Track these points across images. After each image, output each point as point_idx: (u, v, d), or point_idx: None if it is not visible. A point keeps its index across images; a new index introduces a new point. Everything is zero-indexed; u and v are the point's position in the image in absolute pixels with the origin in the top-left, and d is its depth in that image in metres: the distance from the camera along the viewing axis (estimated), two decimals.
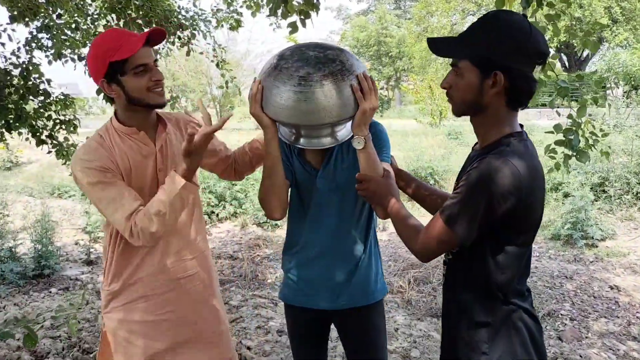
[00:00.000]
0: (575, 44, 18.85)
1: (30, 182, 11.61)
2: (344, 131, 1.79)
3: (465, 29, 1.45)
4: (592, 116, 2.82)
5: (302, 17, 2.76)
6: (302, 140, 1.78)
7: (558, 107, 2.98)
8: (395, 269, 5.42)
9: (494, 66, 1.35)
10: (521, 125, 1.47)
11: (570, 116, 2.82)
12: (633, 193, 6.91)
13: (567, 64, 24.75)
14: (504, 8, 2.55)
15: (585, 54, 22.94)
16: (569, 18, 2.68)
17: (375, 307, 1.97)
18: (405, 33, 33.05)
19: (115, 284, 1.86)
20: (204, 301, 1.98)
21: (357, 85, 1.59)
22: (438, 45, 1.47)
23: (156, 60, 1.80)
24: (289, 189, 1.89)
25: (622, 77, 13.72)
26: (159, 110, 1.92)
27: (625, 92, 12.50)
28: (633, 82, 13.42)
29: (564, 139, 2.82)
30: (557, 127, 2.84)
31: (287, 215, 1.97)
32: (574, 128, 2.78)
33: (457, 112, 1.50)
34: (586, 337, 4.01)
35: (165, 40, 4.53)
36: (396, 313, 4.47)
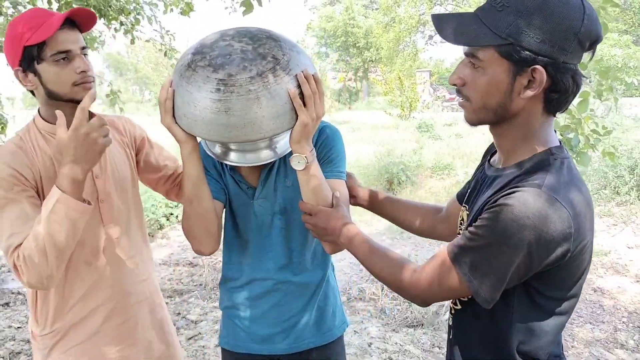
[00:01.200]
0: None
1: None
2: (286, 140, 1.44)
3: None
4: (593, 111, 2.48)
5: None
6: (232, 155, 1.44)
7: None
8: (366, 274, 5.11)
9: (533, 58, 0.98)
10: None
11: (569, 112, 2.47)
12: (611, 187, 6.72)
13: None
14: None
15: None
16: None
17: (336, 344, 1.68)
18: (373, 23, 32.85)
19: (57, 325, 1.58)
20: (158, 328, 1.78)
21: (295, 89, 1.23)
22: (447, 27, 1.06)
23: (85, 48, 1.51)
24: (222, 214, 1.56)
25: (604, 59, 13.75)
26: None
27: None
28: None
29: (561, 137, 2.46)
30: (555, 124, 2.49)
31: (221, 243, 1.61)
32: (573, 126, 2.43)
33: (474, 120, 1.12)
34: (572, 347, 3.79)
35: (107, 26, 4.10)
36: (369, 324, 4.17)
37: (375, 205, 1.66)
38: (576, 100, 2.52)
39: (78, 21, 1.49)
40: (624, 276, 4.94)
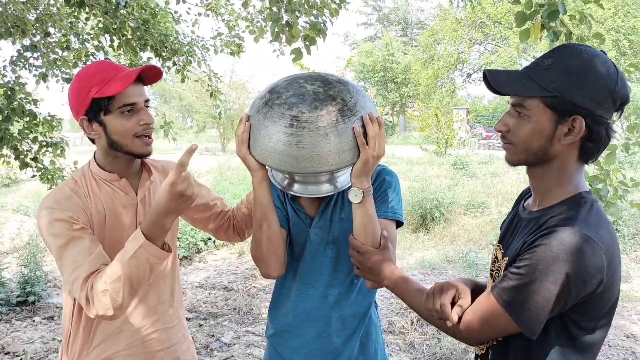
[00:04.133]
0: None
1: (27, 200, 11.41)
2: (346, 176, 1.56)
3: (531, 62, 1.22)
4: (621, 164, 2.56)
5: (307, 42, 2.55)
6: (295, 186, 1.55)
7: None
8: (397, 307, 5.14)
9: (574, 110, 1.13)
10: None
11: (597, 163, 2.57)
12: None
13: None
14: (528, 41, 2.36)
15: None
16: (599, 43, 2.46)
17: None
18: (411, 60, 33.17)
19: None
20: None
21: (360, 129, 1.34)
22: (499, 79, 1.21)
23: (147, 100, 1.58)
24: (287, 241, 1.64)
25: (633, 111, 13.58)
26: None
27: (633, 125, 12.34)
28: None
29: (590, 187, 2.54)
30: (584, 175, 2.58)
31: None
32: (601, 176, 2.53)
33: (515, 161, 1.25)
34: None
35: (162, 66, 4.36)
36: (397, 357, 4.21)
37: None
38: (604, 153, 2.62)
39: (145, 76, 1.56)
40: None
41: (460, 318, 1.21)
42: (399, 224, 1.61)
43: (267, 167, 1.46)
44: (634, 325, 4.85)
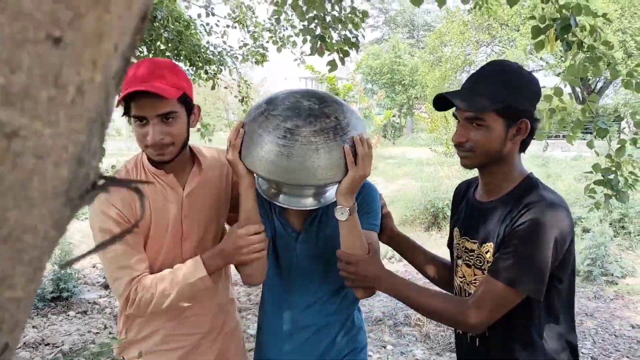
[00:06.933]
0: (589, 77, 18.92)
1: None
2: (331, 192, 1.59)
3: (473, 76, 1.44)
4: (631, 156, 2.83)
5: (341, 55, 2.81)
6: (281, 197, 1.56)
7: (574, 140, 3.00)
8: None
9: (521, 114, 1.36)
10: None
11: (609, 156, 2.84)
12: None
13: (580, 95, 24.82)
14: (544, 50, 2.62)
15: (599, 85, 22.97)
16: (606, 60, 2.72)
17: None
18: (418, 62, 33.31)
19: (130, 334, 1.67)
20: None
21: (349, 148, 1.40)
22: (455, 100, 1.37)
23: (167, 114, 1.46)
24: (268, 249, 1.65)
25: (639, 108, 13.75)
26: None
27: None
28: None
29: (603, 178, 2.82)
30: (596, 167, 2.87)
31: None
32: (613, 168, 2.79)
33: (473, 165, 1.44)
34: None
35: (194, 75, 4.64)
36: (414, 347, 4.44)
37: (406, 252, 1.81)
38: (615, 147, 2.88)
39: (154, 91, 1.40)
40: None
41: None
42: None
43: (255, 175, 1.49)
44: (639, 317, 5.08)
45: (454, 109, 1.43)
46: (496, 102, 1.33)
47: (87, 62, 0.24)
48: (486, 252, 1.42)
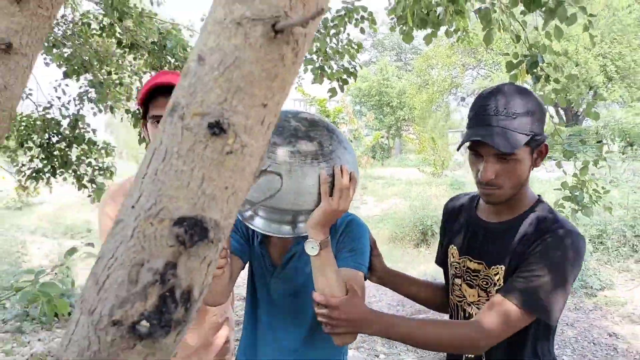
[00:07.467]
0: (571, 101, 19.48)
1: (43, 222, 11.87)
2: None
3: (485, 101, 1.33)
4: (594, 175, 3.18)
5: (340, 83, 3.13)
6: (257, 220, 1.39)
7: (558, 161, 3.34)
8: (403, 314, 5.62)
9: (541, 139, 1.31)
10: None
11: (575, 175, 3.17)
12: (629, 245, 7.19)
13: (564, 117, 25.50)
14: (518, 81, 2.96)
15: (581, 109, 23.60)
16: (570, 82, 3.08)
17: None
18: (406, 84, 33.90)
19: None
20: None
21: (326, 177, 1.25)
22: (497, 143, 1.25)
23: None
24: (239, 271, 1.53)
25: (618, 134, 14.23)
26: None
27: (620, 148, 12.96)
28: (628, 139, 13.93)
29: (570, 195, 3.12)
30: (564, 185, 3.19)
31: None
32: (578, 186, 3.11)
33: (502, 201, 1.36)
34: None
35: None
36: (406, 356, 4.65)
37: (400, 287, 1.70)
38: (579, 167, 3.23)
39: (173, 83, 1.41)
40: (638, 325, 5.34)
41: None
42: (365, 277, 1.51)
43: None
44: (616, 326, 5.36)
45: (467, 144, 1.35)
46: (525, 134, 1.27)
47: None
48: (495, 274, 1.36)
